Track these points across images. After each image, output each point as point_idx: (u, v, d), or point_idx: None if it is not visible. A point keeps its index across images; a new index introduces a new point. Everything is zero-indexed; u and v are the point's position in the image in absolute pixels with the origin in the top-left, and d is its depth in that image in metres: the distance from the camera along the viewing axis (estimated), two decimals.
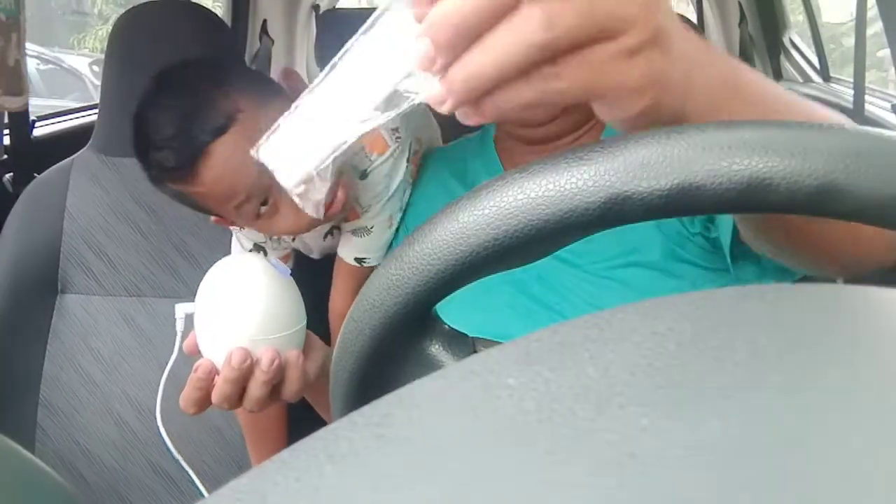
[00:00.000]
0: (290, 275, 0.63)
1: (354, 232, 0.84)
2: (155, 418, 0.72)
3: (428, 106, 0.31)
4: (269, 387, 0.60)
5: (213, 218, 0.79)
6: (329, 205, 0.72)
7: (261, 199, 0.72)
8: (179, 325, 0.65)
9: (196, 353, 0.62)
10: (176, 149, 0.70)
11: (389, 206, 0.82)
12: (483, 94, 0.30)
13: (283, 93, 0.76)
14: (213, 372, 0.60)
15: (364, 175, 0.80)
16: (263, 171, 0.35)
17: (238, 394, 0.60)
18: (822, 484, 0.14)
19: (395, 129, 0.81)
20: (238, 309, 0.60)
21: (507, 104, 0.30)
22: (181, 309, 0.65)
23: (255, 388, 0.60)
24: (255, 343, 0.59)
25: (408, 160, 0.82)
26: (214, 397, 0.60)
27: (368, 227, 0.83)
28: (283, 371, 0.61)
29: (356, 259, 0.85)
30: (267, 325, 0.60)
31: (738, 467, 0.14)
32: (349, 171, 0.80)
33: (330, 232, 0.88)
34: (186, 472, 0.76)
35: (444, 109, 0.30)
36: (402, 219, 0.84)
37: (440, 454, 0.16)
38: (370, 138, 0.79)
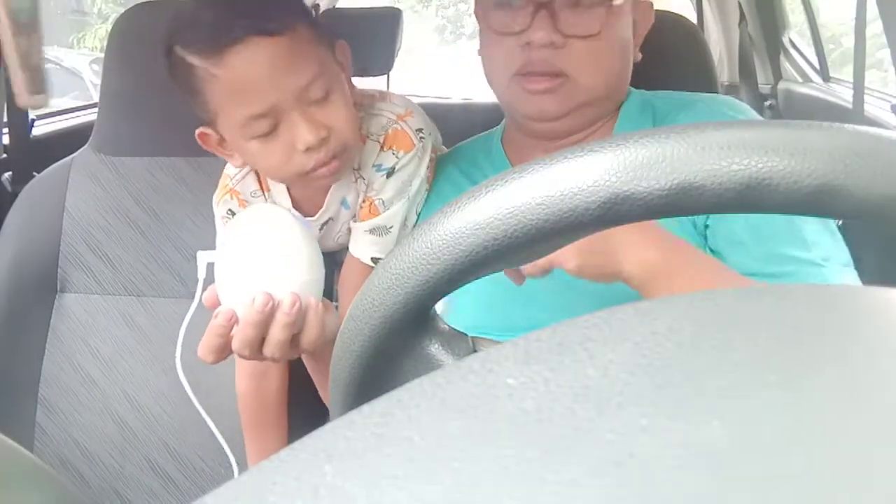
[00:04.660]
0: None
1: (372, 231, 0.84)
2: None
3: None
4: (290, 330, 0.61)
5: (198, 131, 0.76)
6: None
7: (268, 127, 0.70)
8: (201, 273, 0.66)
9: (215, 306, 0.63)
10: (217, 22, 0.68)
11: (409, 206, 0.83)
12: None
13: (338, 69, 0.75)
14: (233, 319, 0.61)
15: (391, 172, 0.81)
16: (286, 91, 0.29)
17: (259, 339, 0.61)
18: (821, 484, 0.14)
19: (420, 130, 0.81)
20: (260, 254, 0.61)
21: None
22: (203, 257, 0.66)
23: (277, 331, 0.61)
24: (277, 287, 0.60)
25: (428, 161, 0.83)
26: (236, 343, 0.61)
27: (388, 226, 0.83)
28: (304, 316, 0.62)
29: (372, 259, 0.85)
30: (288, 269, 0.62)
31: (738, 467, 0.14)
32: (371, 172, 0.80)
33: (326, 223, 0.87)
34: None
35: None
36: (418, 220, 0.84)
37: (440, 454, 0.15)
38: (398, 137, 0.80)
